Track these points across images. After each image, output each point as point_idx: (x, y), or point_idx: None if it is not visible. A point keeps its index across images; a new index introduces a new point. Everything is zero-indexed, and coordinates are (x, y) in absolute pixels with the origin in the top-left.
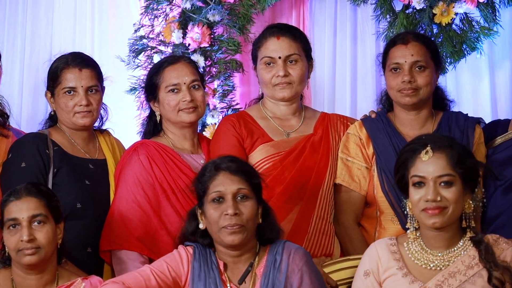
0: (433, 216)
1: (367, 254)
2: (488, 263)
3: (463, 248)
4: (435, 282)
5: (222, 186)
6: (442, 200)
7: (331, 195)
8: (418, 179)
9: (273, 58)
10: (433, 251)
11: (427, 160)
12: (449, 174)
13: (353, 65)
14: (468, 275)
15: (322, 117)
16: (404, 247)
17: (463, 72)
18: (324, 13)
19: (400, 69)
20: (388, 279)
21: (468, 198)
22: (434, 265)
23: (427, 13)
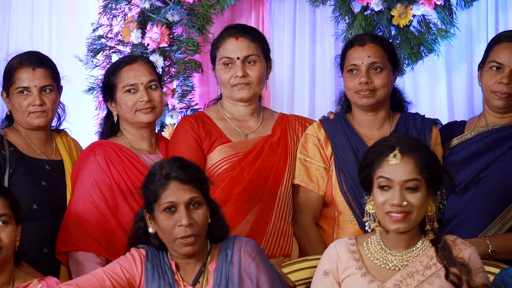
0: (396, 222)
1: (326, 254)
2: (445, 259)
3: (422, 249)
4: (394, 282)
5: (174, 196)
6: (408, 205)
7: (289, 195)
8: (384, 182)
9: (232, 59)
10: (392, 251)
11: (395, 164)
12: (415, 179)
13: (312, 66)
14: (426, 275)
15: (280, 118)
16: (364, 247)
17: (420, 74)
18: (283, 14)
19: (357, 71)
20: (347, 278)
21: (430, 201)
22: (393, 265)
23: (385, 15)
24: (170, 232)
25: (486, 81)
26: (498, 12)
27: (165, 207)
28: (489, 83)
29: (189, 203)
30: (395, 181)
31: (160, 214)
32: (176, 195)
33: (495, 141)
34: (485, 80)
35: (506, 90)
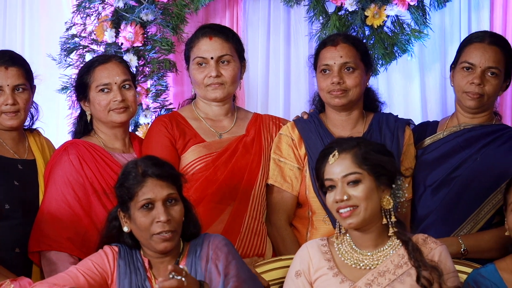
0: (346, 218)
1: (298, 255)
2: (416, 262)
3: (392, 247)
4: (365, 281)
5: (152, 193)
6: (351, 199)
7: (263, 195)
8: (329, 182)
9: (206, 59)
10: (363, 250)
11: (333, 163)
12: (354, 172)
13: (286, 66)
14: (397, 274)
15: (254, 118)
16: (335, 247)
17: (394, 74)
18: (257, 14)
19: (330, 71)
20: (319, 279)
21: (386, 194)
22: (364, 265)
23: (359, 15)
24: (147, 229)
25: (458, 82)
26: (470, 13)
27: (143, 204)
28: (461, 83)
29: (166, 200)
30: (336, 179)
31: (137, 211)
32: (154, 191)
33: (467, 140)
34: (457, 80)
35: (477, 90)
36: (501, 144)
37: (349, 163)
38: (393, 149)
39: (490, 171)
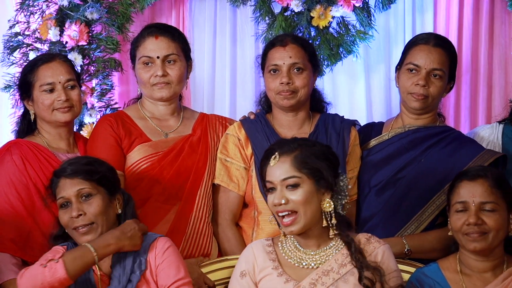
0: (287, 226)
1: (243, 255)
2: (358, 263)
3: (336, 247)
4: (309, 281)
5: (64, 192)
6: (289, 203)
7: (209, 195)
8: (269, 184)
9: (152, 58)
10: (306, 250)
11: (274, 165)
12: (293, 176)
13: (232, 66)
14: (341, 273)
15: (201, 117)
16: (279, 247)
17: (339, 75)
18: (204, 14)
19: (279, 71)
20: (263, 279)
21: (326, 197)
22: (307, 264)
23: (305, 16)
24: (67, 226)
25: (403, 83)
26: (415, 15)
27: (60, 203)
28: (406, 84)
29: (78, 196)
30: (275, 182)
31: (59, 211)
32: (65, 190)
33: (412, 142)
34: (402, 81)
35: (422, 91)
36: (444, 146)
37: (288, 167)
38: (338, 149)
39: (434, 172)
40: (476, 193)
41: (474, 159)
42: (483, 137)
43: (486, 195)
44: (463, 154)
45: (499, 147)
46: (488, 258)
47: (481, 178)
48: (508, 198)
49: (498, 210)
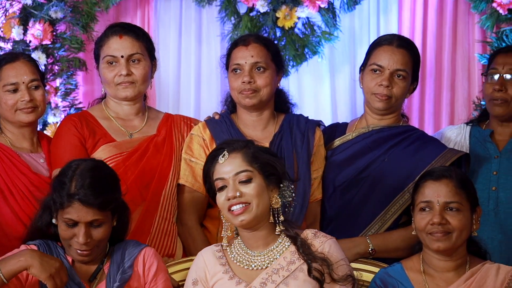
0: (238, 215)
1: (194, 263)
2: (306, 256)
3: (283, 245)
4: (260, 281)
5: (76, 216)
6: (243, 196)
7: (174, 195)
8: (220, 182)
9: (116, 57)
10: (254, 251)
11: (224, 162)
12: (246, 170)
13: (197, 66)
14: (291, 270)
15: (165, 117)
16: (228, 252)
17: (304, 75)
18: (169, 14)
19: (241, 70)
20: (216, 284)
21: (274, 193)
22: (257, 265)
23: (270, 17)
24: (66, 240)
25: (367, 83)
26: (379, 16)
27: (66, 221)
28: (370, 85)
29: (90, 223)
30: (227, 178)
31: (61, 222)
32: (79, 215)
33: (375, 142)
34: (366, 82)
35: (386, 92)
36: (407, 146)
37: (240, 162)
38: (303, 150)
39: (397, 172)
40: (440, 193)
41: (437, 158)
42: (450, 138)
43: (451, 195)
44: (425, 153)
45: (466, 147)
46: (451, 257)
47: (446, 178)
48: (471, 198)
49: (462, 210)
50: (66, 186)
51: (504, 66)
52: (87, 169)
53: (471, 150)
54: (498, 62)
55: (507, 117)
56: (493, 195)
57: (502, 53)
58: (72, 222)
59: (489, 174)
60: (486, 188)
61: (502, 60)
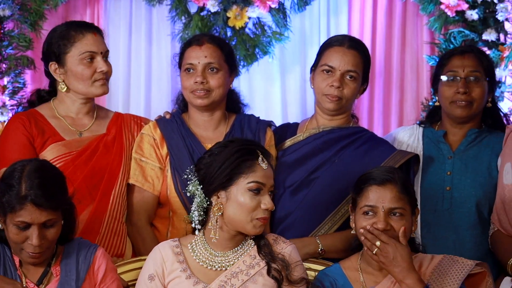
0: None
1: (151, 258)
2: (266, 256)
3: (245, 249)
4: (218, 283)
5: (30, 218)
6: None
7: (123, 195)
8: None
9: (96, 53)
10: (216, 252)
11: (267, 168)
12: None
13: (148, 66)
14: (250, 274)
15: (115, 117)
16: (188, 248)
17: (255, 76)
18: (119, 13)
19: (194, 70)
20: (172, 281)
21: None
22: (218, 266)
23: (221, 16)
24: (17, 244)
25: (318, 84)
26: (329, 17)
27: (18, 224)
28: (321, 86)
29: (43, 223)
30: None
31: (12, 226)
32: (32, 217)
33: (326, 142)
34: (317, 83)
35: (336, 93)
36: (358, 147)
37: None
38: None
39: (348, 172)
40: (385, 198)
41: (386, 159)
42: (403, 140)
43: (395, 201)
44: (375, 154)
45: (420, 149)
46: None
47: (390, 183)
48: (412, 201)
49: (405, 215)
50: (15, 188)
51: (465, 68)
52: (34, 169)
53: (425, 151)
54: (456, 64)
55: (467, 119)
56: (447, 195)
57: (457, 55)
58: (24, 225)
59: (443, 174)
60: (440, 189)
61: (460, 63)
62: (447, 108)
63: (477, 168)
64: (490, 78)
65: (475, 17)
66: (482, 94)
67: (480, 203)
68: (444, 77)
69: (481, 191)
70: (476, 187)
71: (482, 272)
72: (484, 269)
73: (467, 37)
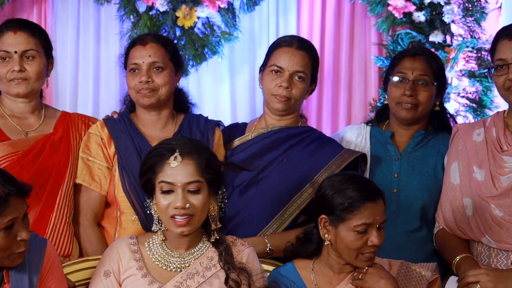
0: (180, 226)
1: (107, 254)
2: (226, 264)
3: (202, 250)
4: (174, 283)
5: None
6: (190, 207)
7: (70, 195)
8: (166, 186)
9: (9, 53)
10: (174, 252)
11: (176, 167)
12: (197, 181)
13: (96, 65)
14: (206, 276)
15: (62, 116)
16: (145, 247)
17: (204, 75)
18: (67, 11)
19: (139, 70)
20: (127, 279)
21: (212, 200)
22: (174, 267)
23: (170, 16)
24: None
25: (267, 84)
26: (278, 17)
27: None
28: (270, 86)
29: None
30: (177, 184)
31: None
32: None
33: (274, 142)
34: (265, 83)
35: (285, 93)
36: (305, 146)
37: (193, 170)
38: None
39: (295, 172)
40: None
41: (334, 159)
42: (350, 140)
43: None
44: (323, 154)
45: (368, 149)
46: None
47: None
48: None
49: None
50: None
51: (414, 71)
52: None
53: (372, 151)
54: (406, 66)
55: (412, 121)
56: (394, 197)
57: (409, 57)
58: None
59: (390, 176)
60: (388, 190)
61: (410, 65)
62: (393, 109)
63: (423, 170)
64: (439, 83)
65: (422, 19)
66: (429, 98)
67: (426, 206)
68: (393, 78)
69: (427, 194)
70: (423, 190)
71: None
72: (437, 274)
73: (414, 39)
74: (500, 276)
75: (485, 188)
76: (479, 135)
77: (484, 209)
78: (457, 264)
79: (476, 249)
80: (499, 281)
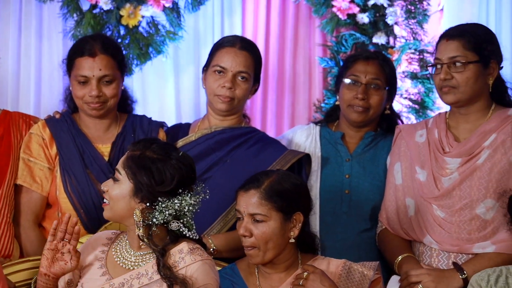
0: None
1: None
2: (166, 278)
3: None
4: (121, 280)
5: None
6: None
7: (11, 196)
8: None
9: None
10: (131, 251)
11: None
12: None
13: (38, 63)
14: (151, 280)
15: (3, 114)
16: (115, 242)
17: (149, 75)
18: (8, 9)
19: (87, 82)
20: (87, 267)
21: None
22: (130, 265)
23: (114, 15)
24: None
25: (210, 85)
26: (224, 17)
27: None
28: (213, 86)
29: None
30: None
31: None
32: None
33: (218, 142)
34: (208, 83)
35: (228, 94)
36: (249, 147)
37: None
38: None
39: (239, 173)
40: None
41: (277, 159)
42: (300, 143)
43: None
44: (267, 154)
45: (318, 150)
46: (278, 263)
47: (253, 189)
48: (283, 207)
49: (266, 221)
50: None
51: (367, 75)
52: None
53: (323, 152)
54: (359, 69)
55: (363, 123)
56: (346, 198)
57: (362, 60)
58: None
59: (342, 177)
60: (339, 191)
61: (364, 69)
62: (344, 111)
63: (374, 171)
64: (390, 87)
65: (366, 20)
66: (380, 101)
67: (376, 206)
68: (346, 80)
69: (378, 195)
70: (374, 191)
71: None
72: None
73: (358, 40)
74: (441, 276)
75: (427, 189)
76: (422, 136)
77: (426, 209)
78: (399, 263)
79: (418, 249)
80: (441, 281)
